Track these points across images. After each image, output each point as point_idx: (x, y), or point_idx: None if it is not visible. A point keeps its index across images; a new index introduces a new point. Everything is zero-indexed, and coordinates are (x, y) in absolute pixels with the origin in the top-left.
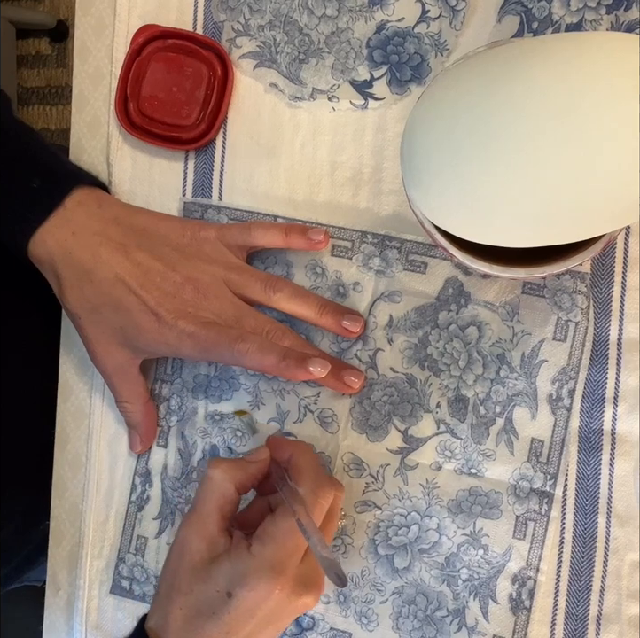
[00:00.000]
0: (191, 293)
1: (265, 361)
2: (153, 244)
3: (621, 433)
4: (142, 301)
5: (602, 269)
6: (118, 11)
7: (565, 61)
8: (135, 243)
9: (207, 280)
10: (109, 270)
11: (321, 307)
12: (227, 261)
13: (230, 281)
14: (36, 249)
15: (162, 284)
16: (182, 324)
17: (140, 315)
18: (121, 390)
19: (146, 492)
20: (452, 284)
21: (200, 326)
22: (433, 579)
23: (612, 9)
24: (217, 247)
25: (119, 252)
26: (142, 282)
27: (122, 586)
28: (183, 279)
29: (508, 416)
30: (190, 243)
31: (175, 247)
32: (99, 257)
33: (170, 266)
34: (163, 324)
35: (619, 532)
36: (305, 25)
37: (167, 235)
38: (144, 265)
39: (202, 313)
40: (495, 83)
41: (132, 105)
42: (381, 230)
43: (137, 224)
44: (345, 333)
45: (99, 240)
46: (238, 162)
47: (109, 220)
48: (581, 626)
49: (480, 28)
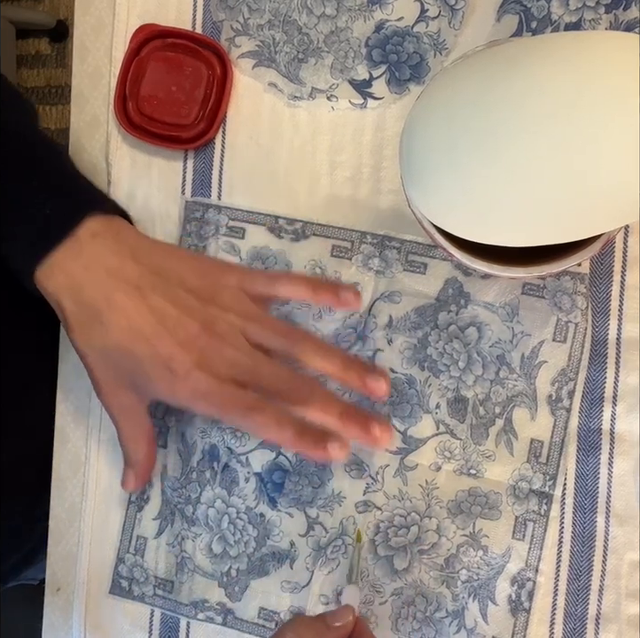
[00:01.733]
0: (207, 343)
1: (281, 435)
2: (170, 286)
3: (620, 433)
4: (154, 352)
5: (601, 268)
6: (117, 11)
7: (564, 60)
8: (150, 285)
9: (224, 329)
10: (122, 316)
11: (345, 363)
12: (246, 310)
13: (248, 332)
14: (44, 280)
15: (176, 332)
16: (196, 380)
17: (152, 366)
18: (125, 429)
19: (146, 492)
20: (452, 285)
21: (216, 386)
22: (432, 580)
23: (611, 8)
24: (237, 294)
25: (133, 295)
26: (156, 329)
27: (122, 586)
28: (199, 328)
29: (507, 417)
30: (208, 287)
31: (192, 291)
32: (113, 301)
33: (186, 312)
34: (176, 378)
35: (618, 531)
36: (304, 24)
37: (185, 276)
38: (159, 311)
39: (217, 365)
40: (494, 82)
41: (131, 104)
42: (381, 231)
43: (155, 263)
44: (369, 392)
45: (114, 283)
46: (237, 161)
47: (125, 256)
48: (580, 625)
49: (479, 28)
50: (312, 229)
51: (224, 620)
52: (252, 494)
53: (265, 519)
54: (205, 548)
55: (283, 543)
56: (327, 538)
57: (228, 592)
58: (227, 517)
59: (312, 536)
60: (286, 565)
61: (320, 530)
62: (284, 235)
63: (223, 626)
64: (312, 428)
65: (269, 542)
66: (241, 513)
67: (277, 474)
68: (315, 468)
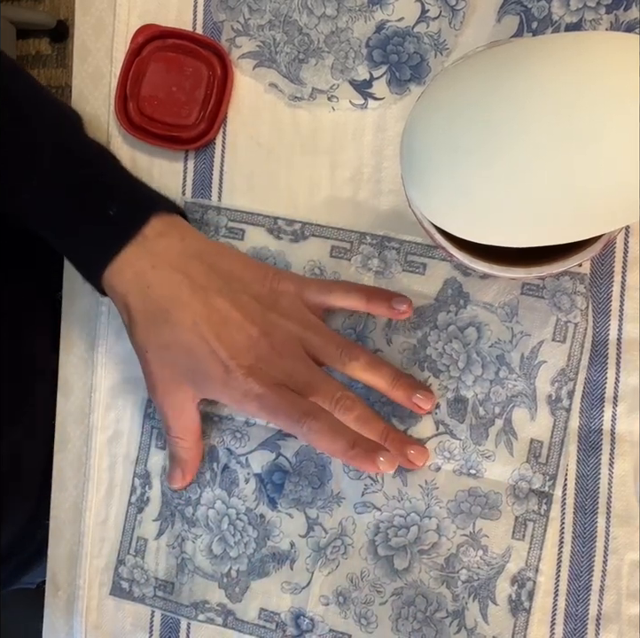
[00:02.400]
0: (266, 349)
1: (333, 445)
2: (234, 290)
3: (621, 433)
4: (214, 351)
5: (601, 269)
6: (118, 11)
7: (565, 61)
8: (216, 286)
9: (283, 337)
10: (187, 314)
11: (394, 379)
12: (304, 319)
13: (305, 340)
14: (112, 278)
15: (238, 336)
16: (251, 382)
17: (211, 364)
18: (176, 426)
19: (146, 493)
20: (451, 285)
21: (271, 389)
22: (432, 580)
23: (612, 8)
24: (295, 302)
25: (199, 295)
26: (218, 331)
27: (122, 587)
28: (260, 333)
29: (507, 417)
30: (268, 294)
31: (254, 296)
32: (179, 298)
33: (249, 317)
34: (233, 378)
35: (618, 531)
36: (304, 24)
37: (249, 282)
38: (223, 313)
39: (273, 371)
40: (494, 83)
41: (132, 104)
42: (380, 231)
43: (221, 266)
44: (415, 408)
45: (180, 278)
46: (237, 162)
47: (192, 256)
48: (580, 625)
49: (480, 28)
50: (311, 230)
51: (225, 621)
52: (252, 495)
53: (265, 520)
54: (205, 550)
55: (283, 544)
56: (327, 539)
57: (228, 593)
58: (227, 518)
59: (312, 537)
60: (286, 566)
61: (320, 531)
62: (283, 236)
63: (224, 628)
64: (364, 440)
65: (270, 543)
66: (241, 514)
67: (276, 475)
68: (314, 468)
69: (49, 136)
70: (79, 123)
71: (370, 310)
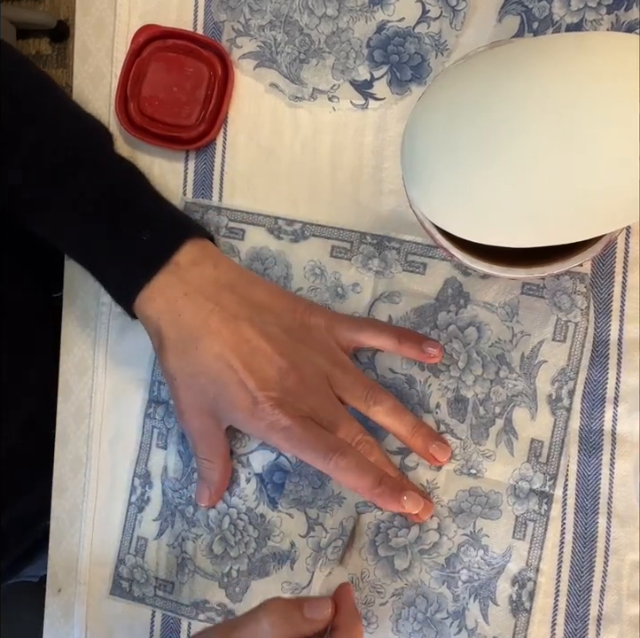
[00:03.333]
0: (294, 383)
1: (360, 482)
2: (265, 322)
3: (622, 433)
4: (242, 381)
5: (602, 269)
6: (118, 11)
7: (566, 61)
8: (247, 316)
9: (311, 372)
10: (216, 342)
11: (415, 427)
12: (333, 355)
13: (333, 377)
14: (144, 305)
15: (267, 368)
16: (278, 414)
17: (237, 394)
18: (204, 449)
19: (146, 493)
20: (451, 285)
21: (298, 422)
22: (433, 580)
23: (613, 9)
24: (325, 338)
25: (230, 324)
26: (247, 361)
27: (122, 587)
28: (289, 366)
29: (507, 417)
30: (299, 327)
31: (285, 329)
32: (209, 326)
33: (278, 349)
34: (259, 409)
35: (619, 532)
36: (305, 25)
37: (280, 314)
38: (253, 344)
39: (300, 404)
40: (495, 83)
41: (132, 104)
42: (380, 231)
43: (252, 297)
44: (431, 460)
45: (212, 307)
46: (238, 162)
47: (224, 285)
48: (581, 626)
49: (481, 28)
50: (311, 230)
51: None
52: (252, 495)
53: (266, 520)
54: (205, 549)
55: (283, 544)
56: (327, 538)
57: (228, 593)
58: (227, 518)
59: (312, 537)
60: (287, 566)
61: (320, 530)
62: (283, 236)
63: None
64: (390, 478)
65: (270, 543)
66: (242, 514)
67: (277, 475)
68: (315, 468)
69: (81, 151)
70: (109, 140)
71: (400, 352)
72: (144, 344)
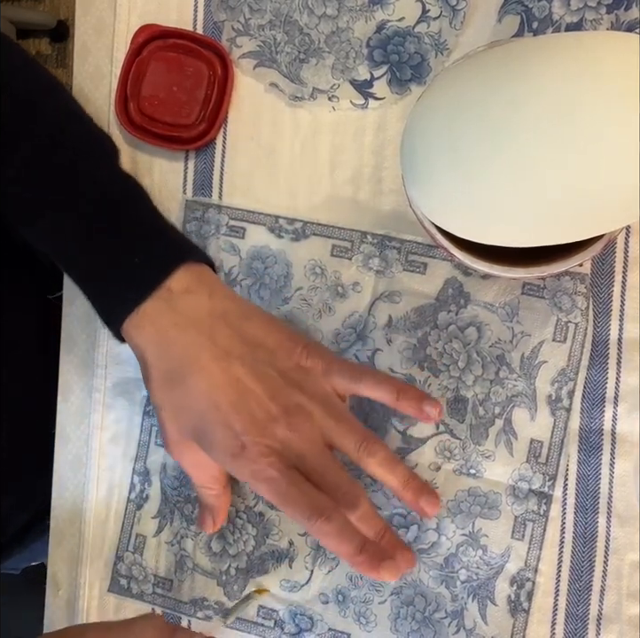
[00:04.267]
0: (283, 430)
1: (340, 548)
2: (258, 361)
3: (622, 433)
4: (228, 422)
5: (602, 269)
6: (118, 11)
7: (566, 61)
8: (239, 353)
9: (303, 419)
10: (205, 380)
11: (407, 480)
12: (328, 403)
13: (326, 427)
14: (132, 331)
15: (256, 411)
16: (263, 463)
17: (222, 435)
18: (199, 477)
19: (145, 490)
20: (452, 285)
21: (283, 474)
22: (431, 579)
23: (613, 8)
24: (321, 384)
25: (220, 361)
26: (235, 401)
27: (121, 584)
28: (279, 412)
29: (507, 417)
30: (294, 369)
31: (278, 370)
32: (198, 361)
33: (269, 393)
34: (244, 455)
35: (619, 531)
36: (305, 24)
37: (275, 352)
38: (243, 384)
39: (288, 453)
40: (495, 83)
41: (132, 104)
42: (381, 230)
43: (247, 331)
44: (420, 512)
45: (202, 341)
46: (238, 162)
47: (218, 317)
48: (581, 625)
49: (481, 28)
50: (312, 229)
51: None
52: (251, 494)
53: (264, 518)
54: (204, 547)
55: (282, 542)
56: None
57: (227, 590)
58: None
59: (311, 535)
60: (285, 564)
61: None
62: (284, 234)
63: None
64: (372, 545)
65: (269, 541)
66: (240, 512)
67: None
68: None
69: (81, 164)
70: (113, 152)
71: (398, 407)
72: None
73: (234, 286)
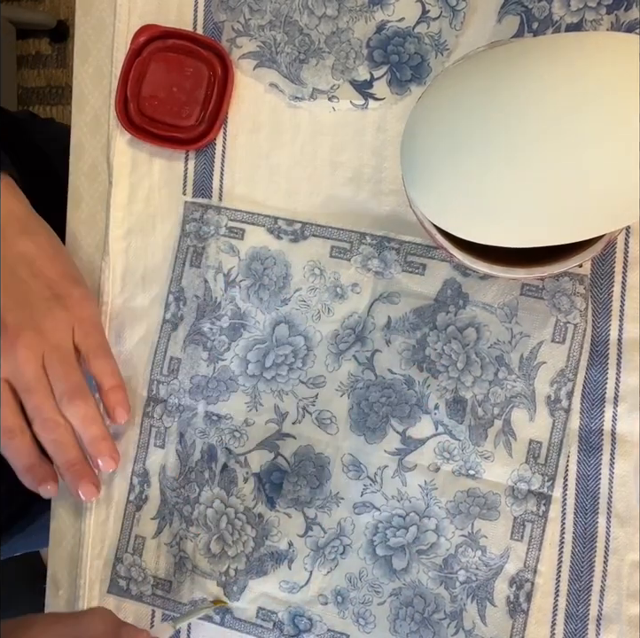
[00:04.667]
0: (9, 344)
1: (13, 462)
2: (15, 274)
3: (622, 433)
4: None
5: (602, 269)
6: (118, 11)
7: (566, 61)
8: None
9: (29, 340)
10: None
11: (94, 438)
12: (61, 341)
13: (47, 358)
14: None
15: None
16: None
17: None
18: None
19: (144, 492)
20: (450, 286)
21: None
22: (430, 580)
23: (613, 9)
24: (67, 327)
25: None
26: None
27: (120, 585)
28: (12, 326)
29: (506, 418)
30: (50, 297)
31: (32, 291)
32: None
33: (10, 305)
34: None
35: (619, 532)
36: (305, 25)
37: (38, 276)
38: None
39: (5, 366)
40: (495, 83)
41: (132, 105)
42: (380, 231)
43: (18, 245)
44: (95, 467)
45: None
46: (238, 162)
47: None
48: (581, 626)
49: (481, 28)
50: (311, 230)
51: (222, 620)
52: (250, 495)
53: (263, 520)
54: (203, 548)
55: (281, 543)
56: (325, 538)
57: (226, 592)
58: (225, 518)
59: (310, 536)
60: (284, 565)
61: (318, 530)
62: (283, 236)
63: (222, 626)
64: (42, 468)
65: (268, 542)
66: (239, 513)
67: (275, 475)
68: (313, 468)
69: None
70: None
71: (101, 396)
72: (143, 343)
73: (233, 287)
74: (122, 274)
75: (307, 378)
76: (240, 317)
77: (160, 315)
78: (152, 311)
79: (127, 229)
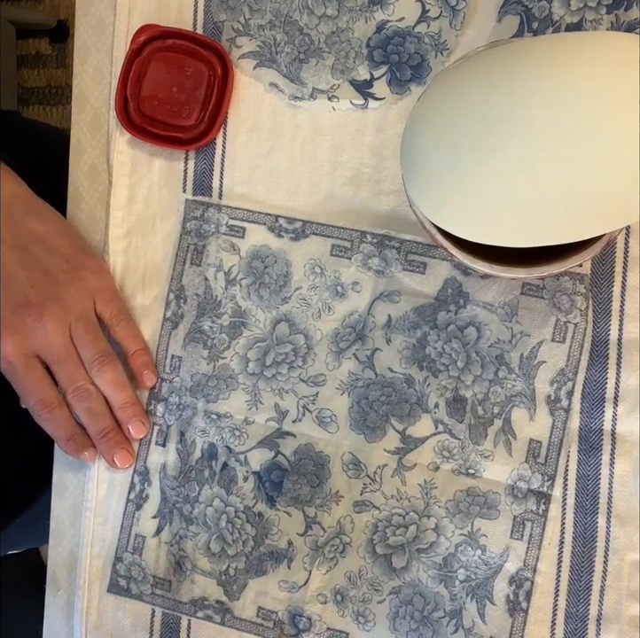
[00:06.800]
0: (33, 319)
1: (54, 433)
2: (30, 253)
3: (621, 433)
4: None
5: (602, 269)
6: (118, 11)
7: (565, 61)
8: (12, 243)
9: (54, 313)
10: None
11: (125, 403)
12: (84, 312)
13: (74, 331)
14: None
15: (13, 293)
16: (6, 346)
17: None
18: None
19: (145, 490)
20: (451, 285)
21: (21, 362)
22: (430, 579)
23: (613, 8)
24: (86, 294)
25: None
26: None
27: (120, 584)
28: (36, 301)
29: (506, 417)
30: (67, 270)
31: (49, 267)
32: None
33: (32, 281)
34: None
35: (619, 531)
36: (305, 25)
37: (52, 253)
38: (6, 268)
39: (31, 341)
40: (495, 83)
41: (132, 104)
42: (380, 230)
43: (28, 226)
44: (126, 433)
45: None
46: (238, 162)
47: (5, 206)
48: (581, 625)
49: (480, 28)
50: (312, 229)
51: (223, 619)
52: (250, 493)
53: (263, 518)
54: (203, 547)
55: (281, 542)
56: (325, 537)
57: (226, 590)
58: (225, 516)
59: (310, 535)
60: (284, 564)
61: (318, 529)
62: (283, 234)
63: (222, 626)
64: (80, 436)
65: (268, 541)
66: (239, 512)
67: (275, 473)
68: (313, 467)
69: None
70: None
71: (128, 361)
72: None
73: (234, 285)
74: (122, 273)
75: (307, 377)
76: (241, 315)
77: (160, 313)
78: (152, 310)
79: (127, 229)
